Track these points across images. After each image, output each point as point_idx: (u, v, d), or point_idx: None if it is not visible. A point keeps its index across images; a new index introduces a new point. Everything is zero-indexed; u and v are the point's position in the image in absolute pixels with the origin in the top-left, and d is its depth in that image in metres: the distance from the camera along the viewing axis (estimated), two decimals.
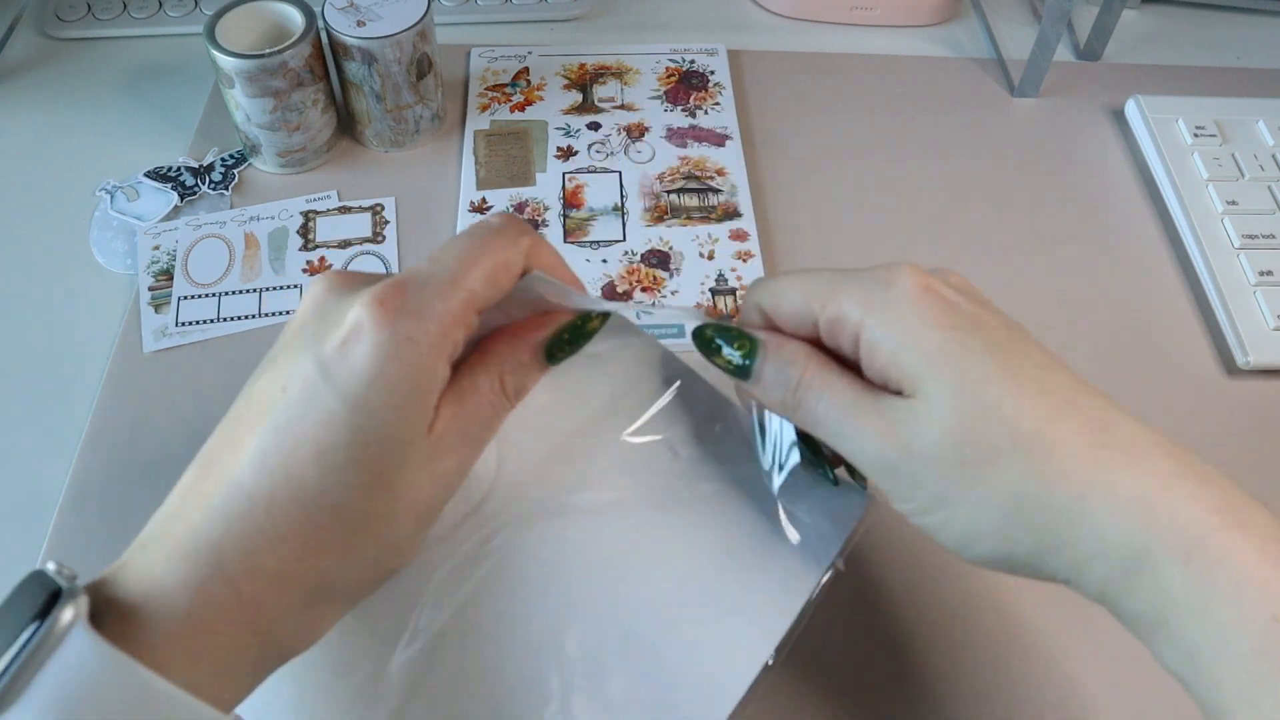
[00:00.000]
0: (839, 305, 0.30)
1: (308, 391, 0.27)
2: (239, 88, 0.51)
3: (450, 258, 0.29)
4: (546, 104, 0.59)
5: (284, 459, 0.27)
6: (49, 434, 0.45)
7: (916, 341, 0.29)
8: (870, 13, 0.65)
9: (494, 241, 0.30)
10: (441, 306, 0.28)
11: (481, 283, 0.29)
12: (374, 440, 0.27)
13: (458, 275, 0.29)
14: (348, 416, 0.27)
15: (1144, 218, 0.55)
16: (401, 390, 0.27)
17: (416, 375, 0.28)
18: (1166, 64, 0.64)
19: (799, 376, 0.31)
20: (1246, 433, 0.47)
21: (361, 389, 0.27)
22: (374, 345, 0.27)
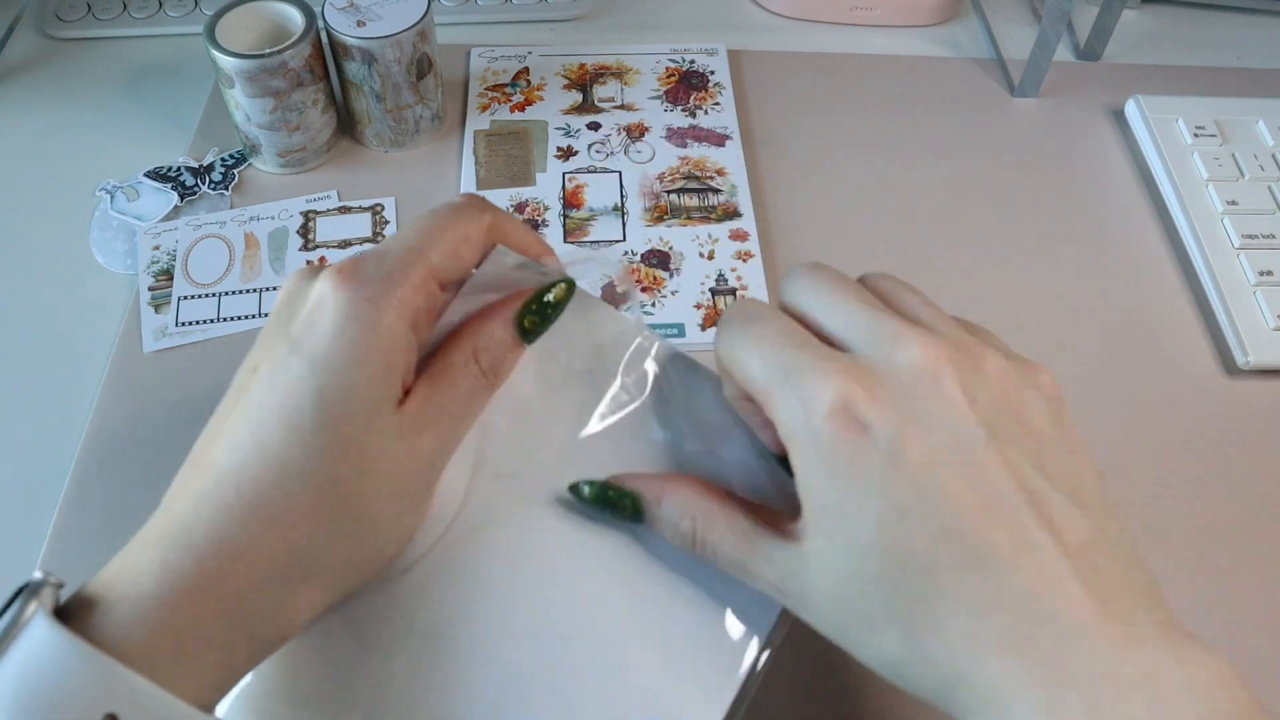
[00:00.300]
0: (772, 413, 0.29)
1: (276, 365, 0.28)
2: (239, 88, 0.51)
3: (410, 232, 0.31)
4: (546, 104, 0.59)
5: (253, 430, 0.28)
6: (49, 434, 0.45)
7: (814, 492, 0.28)
8: (870, 13, 0.65)
9: (453, 216, 0.31)
10: (399, 272, 0.29)
11: (440, 253, 0.30)
12: (338, 400, 0.28)
13: (417, 246, 0.30)
14: (312, 379, 0.28)
15: (1144, 218, 0.55)
16: (361, 347, 0.28)
17: (376, 335, 0.28)
18: (1166, 64, 0.64)
19: (689, 530, 0.31)
20: (1246, 433, 0.47)
21: (324, 349, 0.28)
22: (334, 309, 0.28)
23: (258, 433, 0.27)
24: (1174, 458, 0.46)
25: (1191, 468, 0.45)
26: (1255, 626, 0.41)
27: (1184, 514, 0.44)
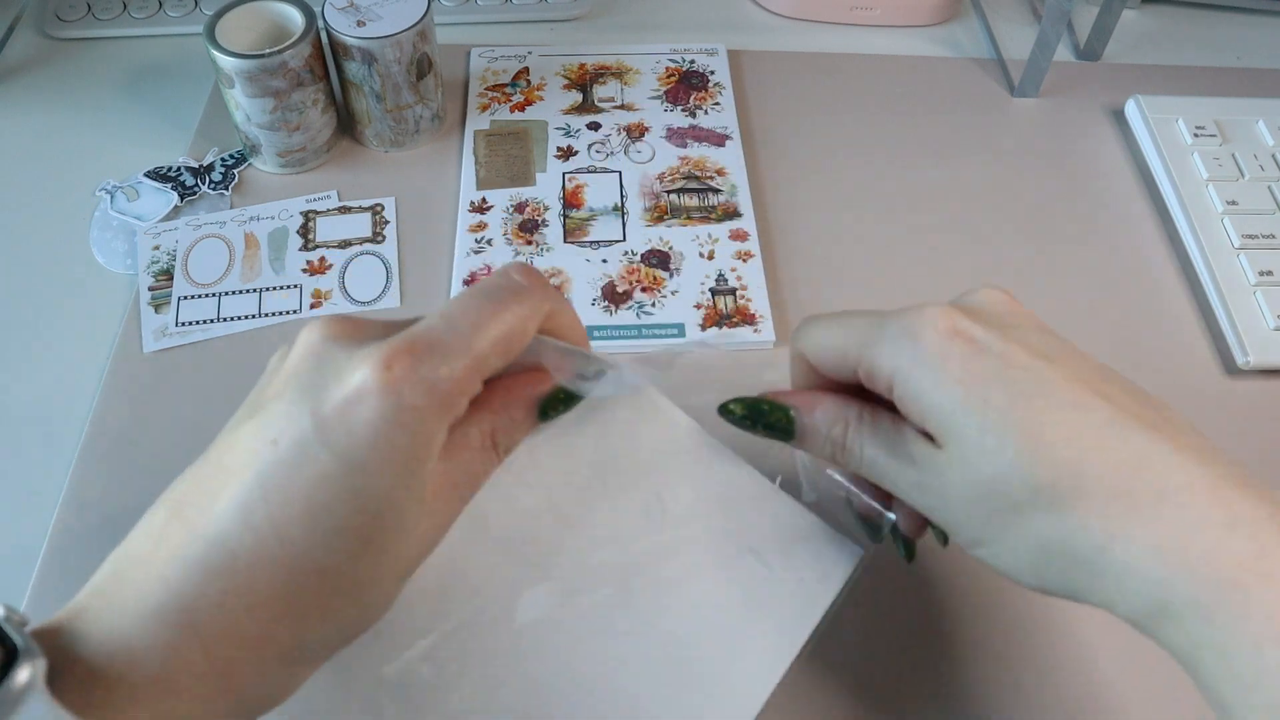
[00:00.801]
0: (871, 360, 0.31)
1: (302, 448, 0.26)
2: (239, 88, 0.51)
3: (465, 319, 0.28)
4: (546, 104, 0.59)
5: (271, 516, 0.26)
6: (49, 434, 0.45)
7: (940, 399, 0.29)
8: (870, 13, 0.65)
9: (514, 306, 0.29)
10: (450, 374, 0.27)
11: (494, 349, 0.28)
12: (370, 506, 0.26)
13: (471, 340, 0.28)
14: (344, 479, 0.26)
15: (1144, 218, 0.55)
16: (402, 458, 0.27)
17: (419, 444, 0.27)
18: (1166, 64, 0.64)
19: (840, 435, 0.32)
20: (1246, 433, 0.47)
21: (361, 453, 0.26)
22: (378, 411, 0.26)
23: (277, 520, 0.26)
24: None
25: None
26: None
27: None
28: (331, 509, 0.26)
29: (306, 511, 0.26)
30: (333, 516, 0.26)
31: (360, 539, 0.26)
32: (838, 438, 0.33)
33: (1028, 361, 0.29)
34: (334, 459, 0.26)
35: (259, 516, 0.26)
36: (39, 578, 0.40)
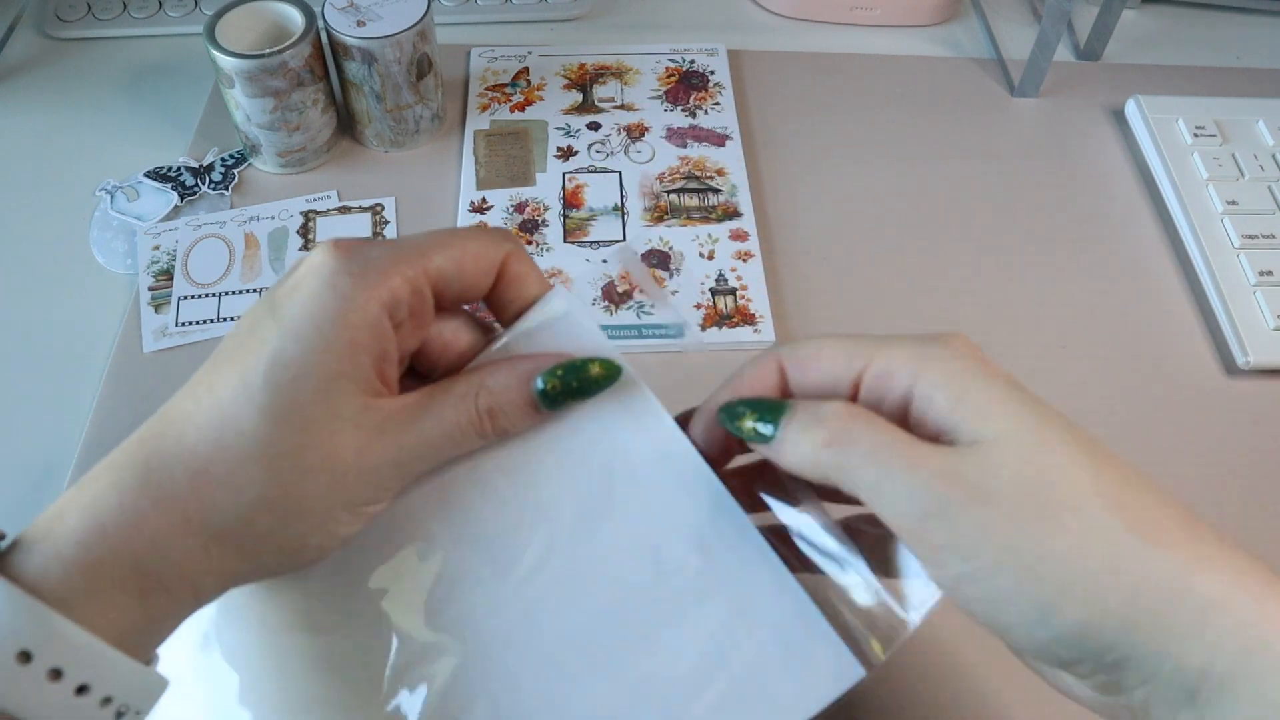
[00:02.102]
0: (888, 359, 0.28)
1: (254, 323, 0.28)
2: (239, 88, 0.51)
3: (424, 234, 0.30)
4: (546, 104, 0.59)
5: (209, 378, 0.27)
6: (49, 434, 0.45)
7: (980, 390, 0.27)
8: (870, 13, 0.65)
9: (472, 232, 0.30)
10: (392, 261, 0.28)
11: (444, 259, 0.29)
12: (293, 362, 0.27)
13: (423, 246, 0.29)
14: (276, 339, 0.27)
15: (1144, 218, 0.55)
16: (329, 315, 0.27)
17: (348, 308, 0.27)
18: (1166, 64, 0.64)
19: (836, 425, 0.27)
20: (1246, 433, 0.47)
21: (294, 312, 0.27)
22: (316, 276, 0.28)
23: (212, 381, 0.27)
24: (1174, 458, 0.46)
25: (1191, 468, 0.45)
26: None
27: None
28: (258, 368, 0.27)
29: (238, 372, 0.27)
30: (257, 375, 0.27)
31: (281, 401, 0.27)
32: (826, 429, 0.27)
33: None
34: (273, 324, 0.27)
35: (202, 387, 0.27)
36: None
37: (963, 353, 0.28)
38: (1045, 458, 0.25)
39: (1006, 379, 0.27)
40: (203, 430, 0.27)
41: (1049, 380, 0.48)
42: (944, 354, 0.28)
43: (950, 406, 0.27)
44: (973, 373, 0.27)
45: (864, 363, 0.29)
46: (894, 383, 0.28)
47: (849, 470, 0.27)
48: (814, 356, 0.30)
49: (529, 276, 0.32)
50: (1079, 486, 0.25)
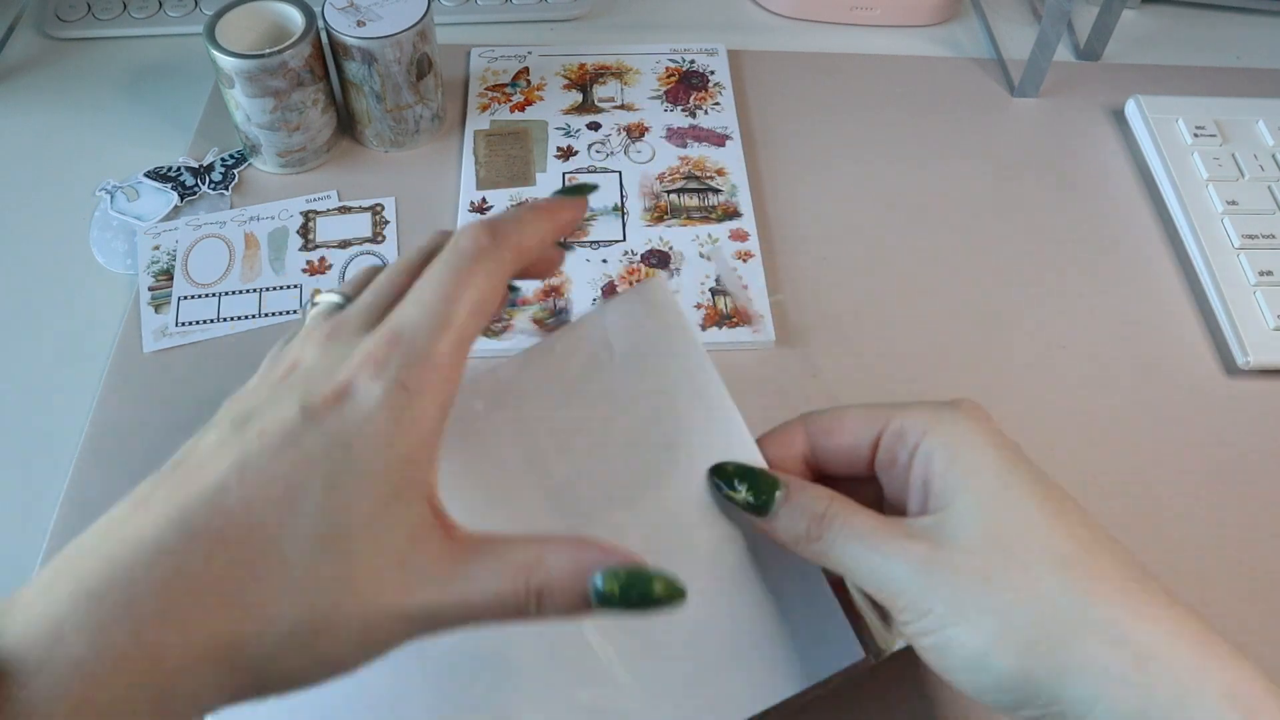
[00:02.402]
0: (904, 418, 0.31)
1: (288, 433, 0.25)
2: (239, 88, 0.51)
3: (434, 296, 0.28)
4: (546, 104, 0.59)
5: (246, 497, 0.24)
6: (49, 434, 0.45)
7: (971, 453, 0.30)
8: (870, 13, 0.65)
9: (476, 270, 0.29)
10: (433, 349, 0.27)
11: (470, 316, 0.28)
12: (344, 488, 0.25)
13: (446, 316, 0.27)
14: (329, 459, 0.25)
15: (1144, 218, 0.55)
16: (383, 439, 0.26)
17: (405, 426, 0.26)
18: (1166, 64, 0.64)
19: (823, 509, 0.31)
20: (1246, 433, 0.47)
21: (349, 431, 0.25)
22: (366, 395, 0.26)
23: (252, 503, 0.24)
24: (1174, 458, 0.46)
25: (1191, 468, 0.45)
26: (1255, 625, 0.41)
27: (1183, 513, 0.44)
28: (311, 488, 0.25)
29: (285, 490, 0.25)
30: (310, 498, 0.25)
31: (331, 525, 0.25)
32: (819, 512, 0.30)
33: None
34: (322, 439, 0.25)
35: (233, 498, 0.24)
36: None
37: (968, 416, 0.31)
38: (1004, 520, 0.28)
39: (1000, 443, 0.30)
40: (236, 553, 0.24)
41: (1049, 380, 0.48)
42: (951, 417, 0.31)
43: (943, 468, 0.30)
44: (970, 436, 0.30)
45: (882, 425, 0.32)
46: (907, 441, 0.31)
47: (832, 556, 0.30)
48: (837, 423, 0.33)
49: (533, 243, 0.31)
50: (1031, 546, 0.28)
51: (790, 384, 0.47)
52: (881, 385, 0.47)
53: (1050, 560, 0.28)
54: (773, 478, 0.32)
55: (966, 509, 0.29)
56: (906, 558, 0.29)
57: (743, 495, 0.32)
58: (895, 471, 0.32)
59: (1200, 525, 0.43)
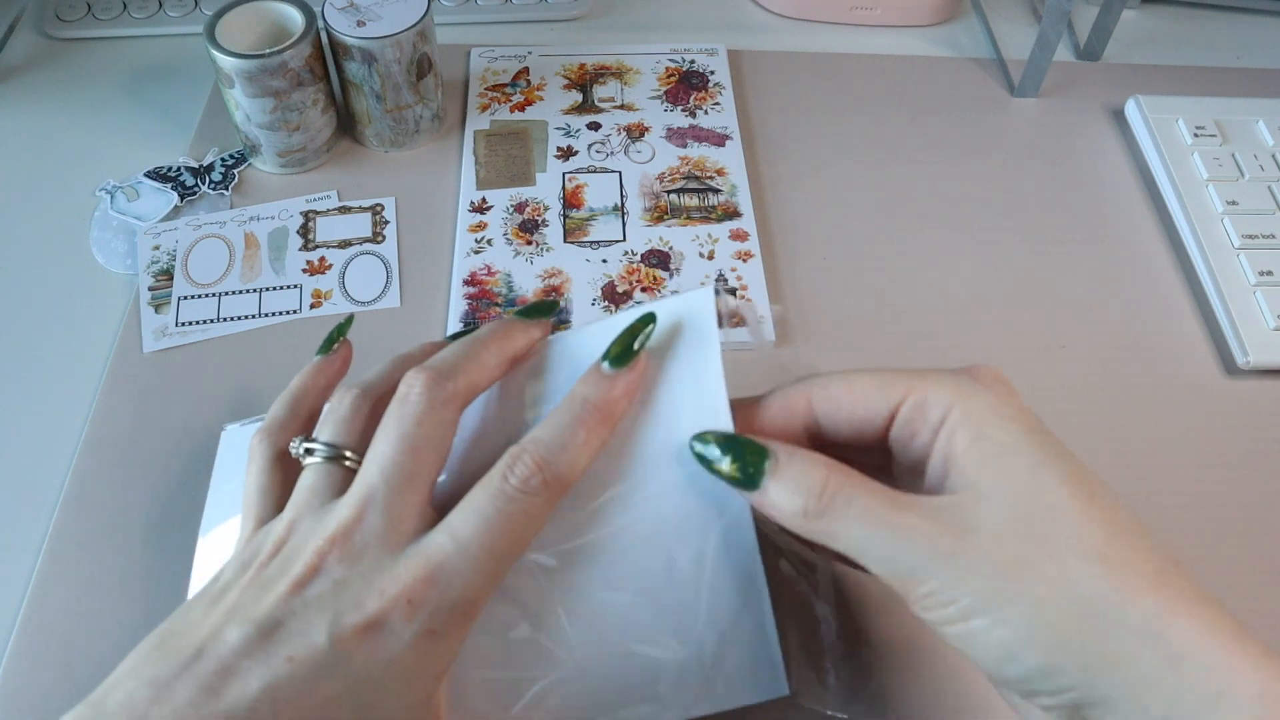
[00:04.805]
0: (926, 389, 0.29)
1: (319, 664, 0.26)
2: (239, 88, 0.51)
3: (470, 532, 0.28)
4: (546, 104, 0.59)
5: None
6: (49, 434, 0.45)
7: (996, 432, 0.28)
8: (870, 13, 0.65)
9: (517, 501, 0.28)
10: (467, 596, 0.27)
11: (506, 558, 0.28)
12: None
13: (482, 561, 0.28)
14: (357, 696, 0.26)
15: (1144, 218, 0.55)
16: (414, 676, 0.27)
17: (433, 664, 0.27)
18: (1166, 64, 0.64)
19: (823, 481, 0.28)
20: (1246, 433, 0.47)
21: (377, 669, 0.26)
22: (398, 636, 0.26)
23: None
24: (1174, 458, 0.46)
25: (1191, 468, 0.45)
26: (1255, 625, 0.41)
27: (1183, 513, 0.44)
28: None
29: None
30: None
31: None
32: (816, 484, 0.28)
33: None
34: (351, 675, 0.26)
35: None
36: (39, 578, 0.40)
37: (990, 388, 0.29)
38: (1035, 506, 0.27)
39: (1025, 420, 0.28)
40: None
41: (1049, 380, 0.48)
42: (975, 390, 0.29)
43: (966, 446, 0.28)
44: (996, 413, 0.28)
45: (900, 396, 0.30)
46: (929, 416, 0.29)
47: (837, 536, 0.28)
48: (845, 392, 0.31)
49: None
50: (1062, 535, 0.26)
51: None
52: None
53: (1083, 551, 0.26)
54: (759, 446, 0.29)
55: (995, 493, 0.27)
56: (929, 543, 0.27)
57: (727, 467, 0.29)
58: (914, 445, 0.30)
59: (1200, 525, 0.43)
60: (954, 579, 0.27)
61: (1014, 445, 0.28)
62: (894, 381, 0.30)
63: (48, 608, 0.39)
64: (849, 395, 0.30)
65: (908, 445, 0.30)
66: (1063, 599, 0.26)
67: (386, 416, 0.30)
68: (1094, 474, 0.28)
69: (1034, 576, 0.26)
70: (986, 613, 0.26)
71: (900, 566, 0.27)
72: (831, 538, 0.28)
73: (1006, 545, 0.26)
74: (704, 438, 0.30)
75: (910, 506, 0.28)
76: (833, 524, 0.28)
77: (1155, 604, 0.26)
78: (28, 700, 0.37)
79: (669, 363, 0.33)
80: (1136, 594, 0.26)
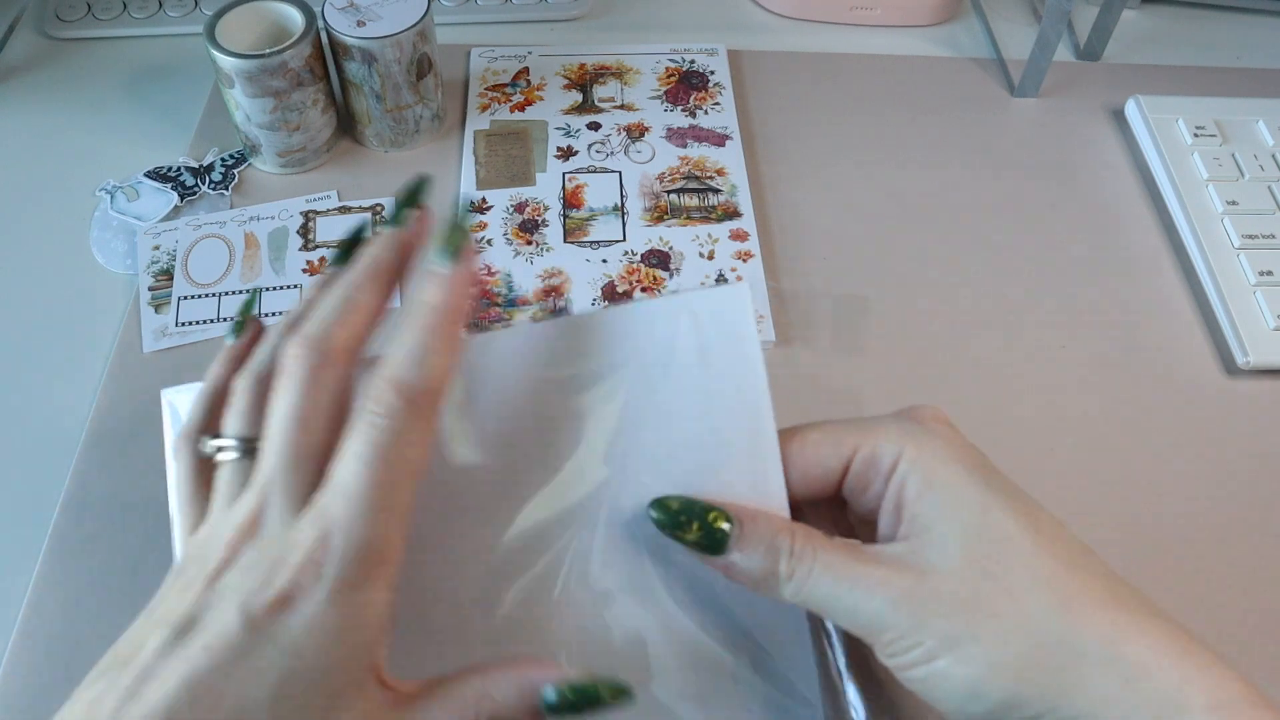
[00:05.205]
0: (877, 440, 0.30)
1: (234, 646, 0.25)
2: (239, 88, 0.51)
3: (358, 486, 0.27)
4: (546, 104, 0.59)
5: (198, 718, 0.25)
6: (49, 434, 0.45)
7: (945, 474, 0.29)
8: (870, 13, 0.65)
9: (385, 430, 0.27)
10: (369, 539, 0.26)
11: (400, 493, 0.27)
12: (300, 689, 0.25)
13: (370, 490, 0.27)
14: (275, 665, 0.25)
15: (1144, 218, 0.55)
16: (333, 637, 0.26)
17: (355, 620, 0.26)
18: (1166, 64, 0.64)
19: (788, 544, 0.29)
20: (1246, 433, 0.47)
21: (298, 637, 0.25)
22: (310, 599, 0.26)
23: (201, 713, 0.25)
24: (1174, 458, 0.46)
25: (1191, 468, 0.45)
26: (1254, 625, 0.41)
27: (1183, 513, 0.44)
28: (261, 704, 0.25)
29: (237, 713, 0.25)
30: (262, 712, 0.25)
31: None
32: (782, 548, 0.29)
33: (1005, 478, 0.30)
34: (270, 649, 0.25)
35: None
36: (39, 578, 0.40)
37: (938, 434, 0.30)
38: (986, 543, 0.28)
39: (973, 461, 0.30)
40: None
41: (1049, 380, 0.48)
42: (921, 436, 0.30)
43: (917, 493, 0.29)
44: (944, 456, 0.29)
45: (851, 450, 0.30)
46: (880, 467, 0.30)
47: (804, 595, 0.29)
48: (799, 451, 0.31)
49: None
50: (1016, 570, 0.27)
51: (790, 383, 0.47)
52: (881, 385, 0.47)
53: (1035, 583, 0.27)
54: (721, 511, 0.30)
55: (947, 535, 0.28)
56: (888, 591, 0.28)
57: (692, 535, 0.30)
58: (867, 496, 0.31)
59: (1200, 525, 0.43)
60: (915, 623, 0.27)
61: (961, 486, 0.29)
62: (843, 436, 0.31)
63: (48, 608, 0.39)
64: (802, 453, 0.31)
65: (860, 497, 0.31)
66: (1021, 632, 0.27)
67: (272, 395, 0.29)
68: (1040, 505, 0.29)
69: (991, 612, 0.27)
70: (948, 653, 0.27)
71: (863, 617, 0.28)
72: (798, 597, 0.29)
73: (962, 584, 0.27)
74: (663, 504, 0.30)
75: (869, 558, 0.29)
76: (802, 585, 0.29)
77: (1110, 627, 0.27)
78: (28, 700, 0.37)
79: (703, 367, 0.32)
80: (1091, 620, 0.27)
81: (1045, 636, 0.27)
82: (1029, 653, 0.27)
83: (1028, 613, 0.27)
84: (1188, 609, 0.31)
